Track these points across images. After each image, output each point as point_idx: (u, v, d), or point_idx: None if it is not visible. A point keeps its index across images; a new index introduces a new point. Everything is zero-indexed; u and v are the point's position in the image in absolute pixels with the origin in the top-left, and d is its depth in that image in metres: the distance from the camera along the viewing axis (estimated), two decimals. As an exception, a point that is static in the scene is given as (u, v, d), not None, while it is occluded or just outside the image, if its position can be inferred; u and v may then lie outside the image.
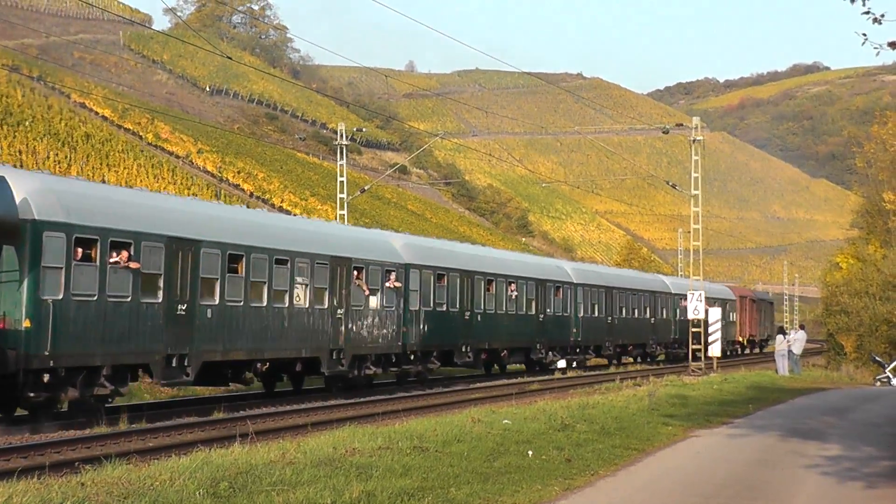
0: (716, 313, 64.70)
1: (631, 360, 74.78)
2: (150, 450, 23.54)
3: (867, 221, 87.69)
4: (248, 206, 77.40)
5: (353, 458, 18.49)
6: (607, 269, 78.59)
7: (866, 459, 22.54)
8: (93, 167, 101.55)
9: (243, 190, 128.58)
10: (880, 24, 16.25)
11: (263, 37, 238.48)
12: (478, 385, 47.67)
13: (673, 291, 78.22)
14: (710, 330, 63.79)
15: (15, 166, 31.86)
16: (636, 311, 71.18)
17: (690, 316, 64.04)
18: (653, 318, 74.09)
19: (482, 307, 50.29)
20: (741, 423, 29.92)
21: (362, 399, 37.95)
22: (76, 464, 20.32)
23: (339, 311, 38.08)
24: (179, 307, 30.31)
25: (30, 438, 24.65)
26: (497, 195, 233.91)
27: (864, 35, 14.84)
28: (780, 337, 60.24)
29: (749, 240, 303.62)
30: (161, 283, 29.72)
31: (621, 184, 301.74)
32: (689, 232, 68.09)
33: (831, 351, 76.13)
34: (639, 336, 72.07)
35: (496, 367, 56.71)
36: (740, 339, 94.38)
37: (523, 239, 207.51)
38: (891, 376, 56.79)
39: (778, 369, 57.52)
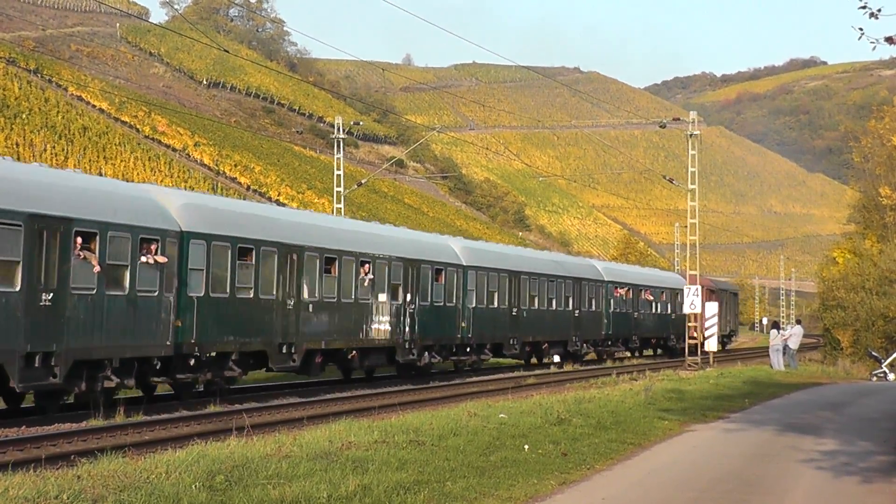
0: (712, 307, 64.63)
1: (546, 361, 62.11)
2: (146, 443, 23.54)
3: (864, 216, 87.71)
4: (244, 198, 77.65)
5: (350, 452, 18.49)
6: (513, 249, 62.80)
7: (862, 454, 22.55)
8: (90, 160, 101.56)
9: (240, 183, 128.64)
10: (877, 18, 16.26)
11: (260, 30, 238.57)
12: (473, 379, 47.72)
13: (605, 279, 66.74)
14: (707, 324, 63.76)
15: (15, 159, 31.79)
16: (553, 301, 59.63)
17: (687, 311, 64.06)
18: (577, 311, 62.52)
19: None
20: (737, 417, 29.93)
21: (358, 393, 38.06)
22: (72, 457, 20.31)
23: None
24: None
25: (26, 431, 24.64)
26: (494, 189, 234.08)
27: (861, 30, 14.86)
28: (773, 332, 60.17)
29: (746, 234, 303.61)
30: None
31: (618, 178, 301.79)
32: (686, 226, 68.09)
33: (828, 346, 76.14)
34: (556, 332, 60.45)
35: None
36: (695, 334, 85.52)
37: (520, 233, 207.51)
38: (887, 371, 56.79)
39: (773, 364, 57.48)
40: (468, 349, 49.66)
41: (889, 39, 14.41)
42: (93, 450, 20.73)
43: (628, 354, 73.81)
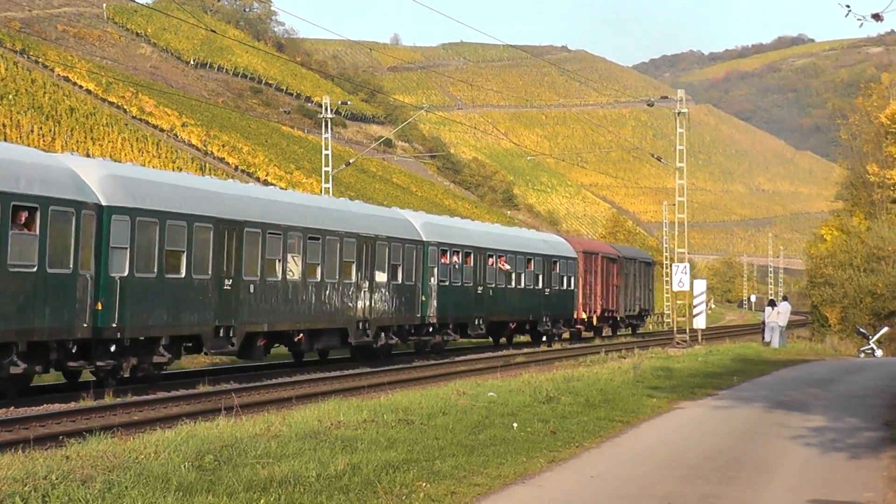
0: (701, 285, 64.62)
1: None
2: (135, 423, 23.55)
3: (851, 193, 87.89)
4: (232, 178, 77.56)
5: (339, 431, 18.49)
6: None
7: (850, 430, 22.62)
8: (77, 141, 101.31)
9: (228, 164, 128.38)
10: (864, -5, 16.26)
11: (247, 10, 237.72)
12: (463, 358, 47.74)
13: (425, 239, 48.83)
14: (695, 302, 63.80)
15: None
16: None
17: (675, 288, 64.12)
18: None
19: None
20: (726, 394, 29.99)
21: (348, 372, 38.05)
22: (61, 437, 20.32)
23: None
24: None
25: (14, 412, 24.61)
26: (482, 168, 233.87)
27: (848, 7, 14.86)
28: (768, 309, 60.18)
29: (734, 212, 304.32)
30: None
31: (606, 157, 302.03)
32: (675, 205, 68.16)
33: (816, 323, 76.29)
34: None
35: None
36: (584, 315, 65.70)
37: (508, 212, 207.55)
38: (874, 348, 56.96)
39: (772, 342, 57.32)
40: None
41: (876, 16, 14.43)
42: (81, 430, 20.75)
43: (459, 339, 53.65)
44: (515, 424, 20.94)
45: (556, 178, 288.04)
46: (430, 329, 46.93)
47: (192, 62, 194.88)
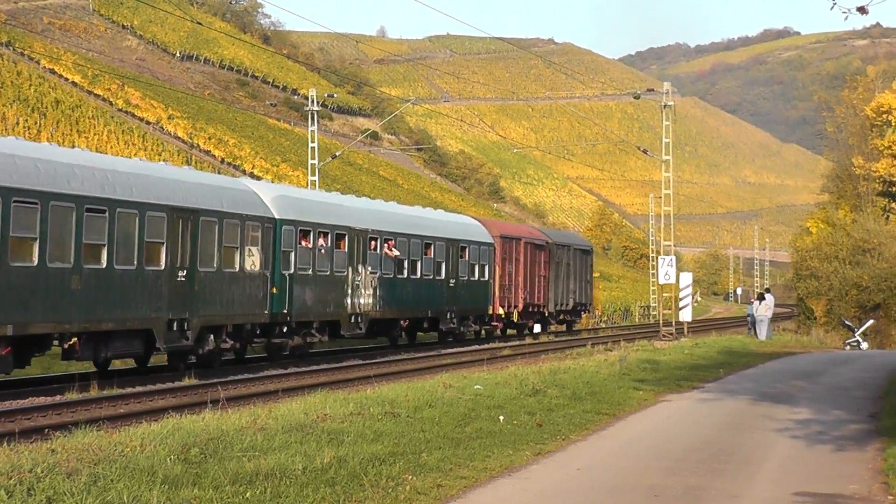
0: (687, 278, 64.65)
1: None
2: (121, 416, 23.49)
3: (837, 186, 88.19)
4: (219, 172, 77.38)
5: (325, 424, 18.48)
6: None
7: (836, 423, 22.67)
8: (63, 133, 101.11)
9: (214, 156, 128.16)
10: (850, -12, 16.25)
11: (234, 2, 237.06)
12: (450, 350, 47.65)
13: (276, 216, 39.30)
14: (682, 295, 63.81)
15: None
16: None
17: (662, 281, 64.18)
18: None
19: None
20: (712, 387, 30.02)
21: (335, 365, 38.02)
22: (46, 430, 20.28)
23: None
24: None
25: (0, 405, 24.57)
26: (469, 161, 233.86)
27: (834, 0, 14.86)
28: (762, 303, 59.92)
29: (720, 205, 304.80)
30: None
31: (593, 149, 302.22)
32: (661, 197, 68.18)
33: (801, 315, 76.50)
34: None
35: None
36: (501, 310, 56.11)
37: (495, 205, 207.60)
38: (860, 340, 57.12)
39: (761, 335, 57.30)
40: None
41: (861, 9, 14.43)
42: (67, 423, 20.71)
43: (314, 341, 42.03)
44: (502, 417, 20.95)
45: (542, 171, 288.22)
46: (285, 329, 37.73)
47: (178, 54, 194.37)
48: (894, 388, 29.69)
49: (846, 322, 61.08)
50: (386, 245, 44.61)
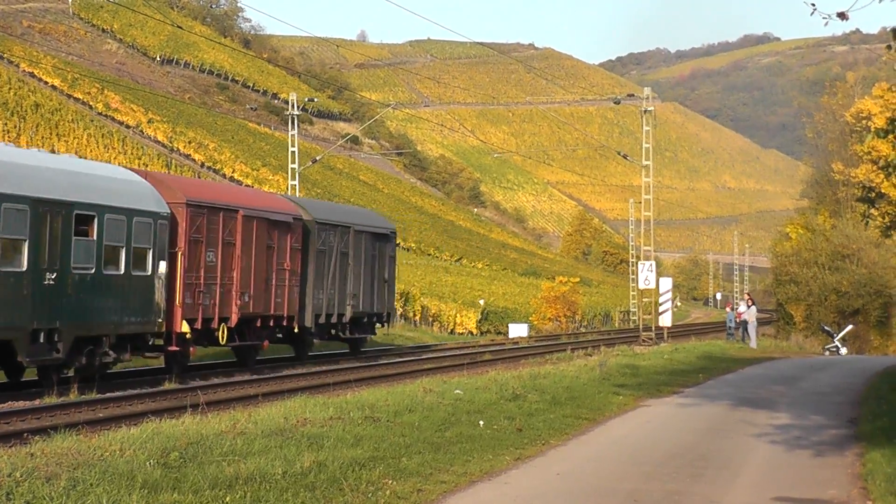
0: (667, 283, 64.70)
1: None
2: (100, 420, 23.40)
3: (816, 191, 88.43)
4: (199, 177, 77.18)
5: (305, 429, 18.47)
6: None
7: (815, 428, 22.73)
8: (42, 137, 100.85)
9: (194, 160, 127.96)
10: (829, -6, 16.31)
11: (214, 6, 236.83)
12: (429, 355, 47.67)
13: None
14: (661, 300, 63.87)
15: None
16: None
17: (642, 286, 64.26)
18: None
19: None
20: (691, 392, 30.09)
21: (314, 370, 37.97)
22: (25, 434, 20.18)
23: None
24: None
25: (-22, 410, 24.42)
26: (449, 165, 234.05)
27: (813, 5, 14.88)
28: (750, 309, 59.67)
29: (700, 210, 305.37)
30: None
31: (573, 154, 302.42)
32: (641, 202, 68.26)
33: (781, 320, 76.67)
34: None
35: None
36: (183, 328, 32.55)
37: (475, 209, 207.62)
38: (839, 345, 57.30)
39: (752, 342, 57.13)
40: None
41: (841, 15, 14.45)
42: (46, 427, 20.62)
43: None
44: (482, 422, 20.96)
45: (522, 176, 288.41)
46: None
47: (158, 58, 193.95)
48: (873, 393, 29.77)
49: (825, 327, 61.26)
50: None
